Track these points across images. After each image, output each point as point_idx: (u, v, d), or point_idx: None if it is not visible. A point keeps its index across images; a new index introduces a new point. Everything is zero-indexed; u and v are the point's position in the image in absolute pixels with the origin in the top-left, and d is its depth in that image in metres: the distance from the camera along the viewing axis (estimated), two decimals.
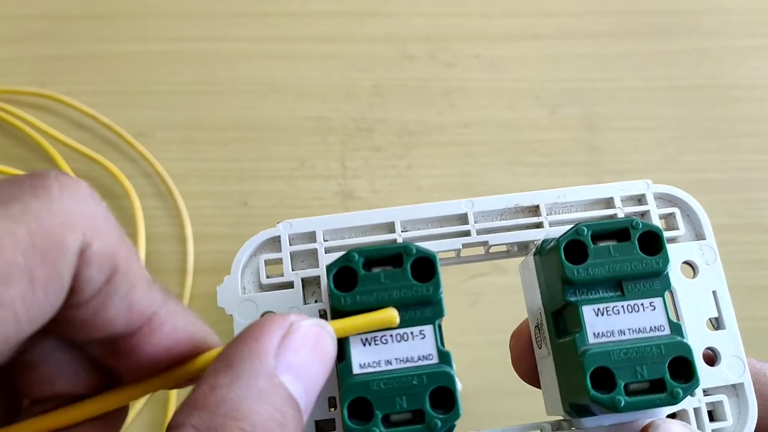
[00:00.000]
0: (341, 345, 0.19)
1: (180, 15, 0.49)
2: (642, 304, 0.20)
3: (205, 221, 0.43)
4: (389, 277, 0.19)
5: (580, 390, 0.19)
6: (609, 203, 0.23)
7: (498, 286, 0.40)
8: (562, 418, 0.21)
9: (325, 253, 0.22)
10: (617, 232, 0.20)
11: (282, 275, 0.21)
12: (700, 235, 0.22)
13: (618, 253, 0.20)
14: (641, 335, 0.19)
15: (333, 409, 0.20)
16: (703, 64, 0.48)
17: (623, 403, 0.18)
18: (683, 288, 0.22)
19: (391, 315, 0.19)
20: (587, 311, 0.20)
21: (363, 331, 0.19)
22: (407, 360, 0.19)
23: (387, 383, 0.18)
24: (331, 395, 0.20)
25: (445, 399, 0.18)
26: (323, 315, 0.21)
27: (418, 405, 0.18)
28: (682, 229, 0.22)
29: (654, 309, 0.20)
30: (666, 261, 0.20)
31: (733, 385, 0.21)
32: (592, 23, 0.49)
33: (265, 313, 0.21)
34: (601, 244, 0.20)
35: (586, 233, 0.20)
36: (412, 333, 0.19)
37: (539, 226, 0.22)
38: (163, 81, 0.47)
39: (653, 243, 0.20)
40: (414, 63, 0.48)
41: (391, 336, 0.19)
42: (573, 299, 0.20)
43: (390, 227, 0.22)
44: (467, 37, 0.49)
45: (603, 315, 0.20)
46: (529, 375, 0.23)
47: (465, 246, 0.22)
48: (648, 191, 0.23)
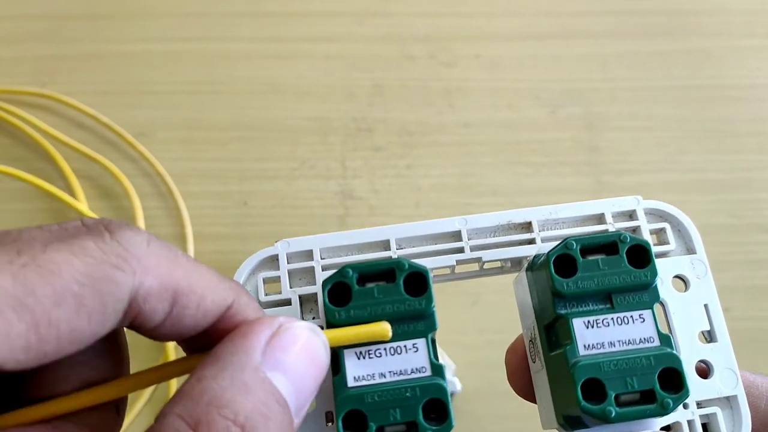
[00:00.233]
0: (336, 359, 0.19)
1: (180, 15, 0.49)
2: (631, 316, 0.20)
3: (205, 221, 0.43)
4: (382, 292, 0.19)
5: (571, 402, 0.19)
6: (600, 219, 0.23)
7: (498, 286, 0.40)
8: (557, 431, 0.22)
9: (322, 271, 0.22)
10: (606, 245, 0.20)
11: (280, 293, 0.22)
12: (690, 250, 0.22)
13: (607, 267, 0.20)
14: (631, 347, 0.20)
15: (330, 424, 0.21)
16: (703, 64, 0.48)
17: (614, 414, 0.18)
18: (675, 302, 0.22)
19: (384, 328, 0.19)
20: (577, 324, 0.20)
21: (355, 342, 0.19)
22: (401, 373, 0.19)
23: (381, 395, 0.19)
24: (329, 410, 0.21)
25: (438, 410, 0.19)
26: None
27: (411, 417, 0.18)
28: (672, 244, 0.22)
29: (643, 321, 0.20)
30: (654, 273, 0.20)
31: (727, 398, 0.21)
32: (592, 23, 0.49)
33: None
34: (590, 257, 0.20)
35: (575, 247, 0.20)
36: (405, 346, 0.20)
37: (532, 242, 0.23)
38: (163, 81, 0.47)
39: (641, 256, 0.20)
40: (414, 63, 0.48)
41: (385, 349, 0.19)
42: (563, 312, 0.20)
43: (385, 245, 0.22)
44: (467, 37, 0.49)
45: (593, 327, 0.20)
46: (525, 390, 0.23)
47: (459, 262, 0.22)
48: (638, 207, 0.23)
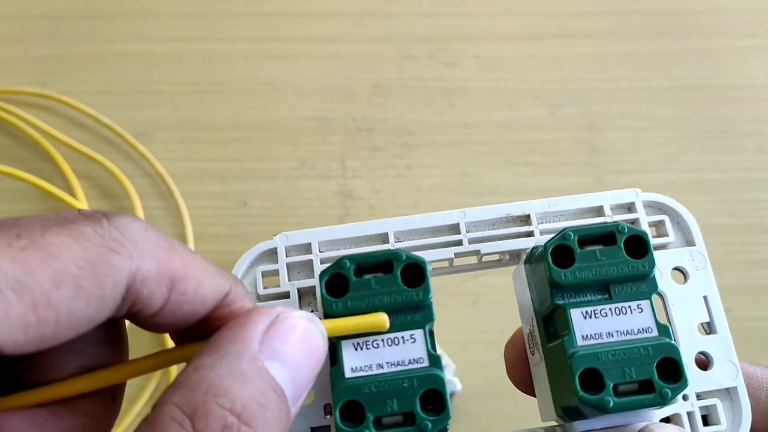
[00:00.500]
0: (333, 350, 0.19)
1: (180, 15, 0.49)
2: (629, 306, 0.20)
3: (206, 221, 0.43)
4: (380, 283, 0.19)
5: (570, 392, 0.19)
6: (599, 212, 0.23)
7: (498, 286, 0.40)
8: (556, 423, 0.22)
9: (321, 264, 0.22)
10: (603, 236, 0.20)
11: (278, 286, 0.22)
12: (690, 242, 0.22)
13: (604, 257, 0.20)
14: (629, 337, 0.20)
15: (329, 416, 0.21)
16: (703, 64, 0.48)
17: (612, 404, 0.18)
18: (674, 294, 0.22)
19: (382, 319, 0.19)
20: (575, 314, 0.20)
21: (353, 333, 0.19)
22: (398, 363, 0.19)
23: (378, 386, 0.19)
24: (327, 402, 0.21)
25: (436, 401, 0.19)
26: None
27: (408, 407, 0.18)
28: (671, 236, 0.22)
29: (641, 311, 0.20)
30: (652, 264, 0.20)
31: (727, 389, 0.21)
32: (592, 23, 0.49)
33: None
34: (588, 248, 0.20)
35: (572, 238, 0.20)
36: (403, 337, 0.19)
37: (530, 234, 0.22)
38: (163, 81, 0.47)
39: (639, 247, 0.20)
40: (414, 63, 0.48)
41: (383, 340, 0.19)
42: (561, 302, 0.20)
43: (384, 238, 0.22)
44: (467, 37, 0.49)
45: (591, 318, 0.20)
46: (524, 383, 0.23)
47: (457, 255, 0.22)
48: (637, 199, 0.23)
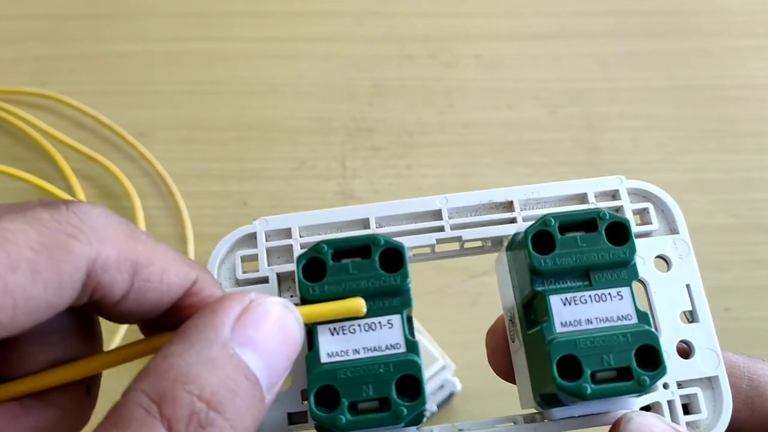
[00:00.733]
0: (310, 335, 0.19)
1: (180, 15, 0.49)
2: (609, 293, 0.20)
3: (206, 221, 0.43)
4: (357, 268, 0.19)
5: (547, 379, 0.19)
6: (583, 199, 0.23)
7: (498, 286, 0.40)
8: (535, 411, 0.21)
9: (301, 249, 0.22)
10: (585, 222, 0.20)
11: (258, 271, 0.22)
12: (673, 230, 0.22)
13: (585, 244, 0.20)
14: (608, 324, 0.19)
15: (306, 402, 0.20)
16: (703, 64, 0.48)
17: (589, 391, 0.18)
18: (656, 282, 0.21)
19: (358, 304, 0.19)
20: (554, 301, 0.20)
21: (329, 318, 0.19)
22: (375, 349, 0.19)
23: (354, 371, 0.18)
24: (305, 388, 0.20)
25: (412, 387, 0.19)
26: None
27: (384, 393, 0.18)
28: (655, 224, 0.22)
29: (621, 298, 0.20)
30: (633, 251, 0.20)
31: (708, 378, 0.21)
32: (592, 23, 0.49)
33: None
34: (569, 234, 0.20)
35: (553, 224, 0.20)
36: (380, 322, 0.19)
37: (513, 221, 0.22)
38: (163, 81, 0.47)
39: (621, 233, 0.20)
40: (414, 63, 0.48)
41: (359, 325, 0.19)
42: (541, 289, 0.20)
43: (365, 223, 0.22)
44: (467, 37, 0.49)
45: (570, 304, 0.20)
46: (504, 370, 0.23)
47: (439, 241, 0.22)
48: (621, 187, 0.23)
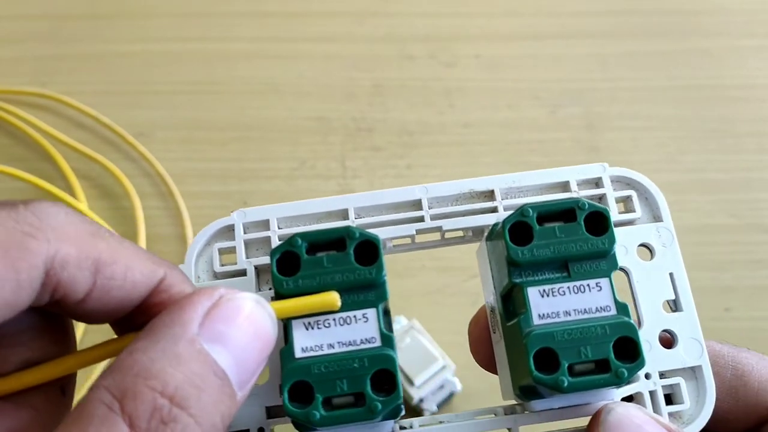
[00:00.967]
0: (285, 329, 0.19)
1: (180, 15, 0.49)
2: (588, 284, 0.19)
3: (206, 221, 0.42)
4: (332, 261, 0.19)
5: (525, 372, 0.18)
6: (565, 187, 0.22)
7: None
8: (515, 402, 0.21)
9: (279, 241, 0.21)
10: (563, 212, 0.20)
11: (236, 263, 0.21)
12: (657, 218, 0.22)
13: (564, 234, 0.19)
14: (587, 315, 0.19)
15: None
16: (703, 64, 0.48)
17: (566, 384, 0.18)
18: (639, 270, 0.21)
19: (333, 298, 0.18)
20: (532, 293, 0.19)
21: (303, 313, 0.19)
22: (350, 343, 0.19)
23: (328, 366, 0.18)
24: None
25: (387, 382, 0.18)
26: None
27: (359, 388, 0.18)
28: (639, 212, 0.22)
29: (600, 290, 0.19)
30: (612, 241, 0.19)
31: (692, 368, 0.20)
32: (592, 23, 0.49)
33: None
34: (547, 225, 0.20)
35: (531, 214, 0.19)
36: (355, 316, 0.19)
37: (494, 210, 0.22)
38: (163, 81, 0.47)
39: (600, 223, 0.19)
40: (414, 63, 0.48)
41: (334, 320, 0.19)
42: (518, 281, 0.19)
43: (344, 214, 0.22)
44: (467, 37, 0.49)
45: (548, 296, 0.19)
46: (486, 361, 0.23)
47: (419, 232, 0.22)
48: (604, 174, 0.22)
